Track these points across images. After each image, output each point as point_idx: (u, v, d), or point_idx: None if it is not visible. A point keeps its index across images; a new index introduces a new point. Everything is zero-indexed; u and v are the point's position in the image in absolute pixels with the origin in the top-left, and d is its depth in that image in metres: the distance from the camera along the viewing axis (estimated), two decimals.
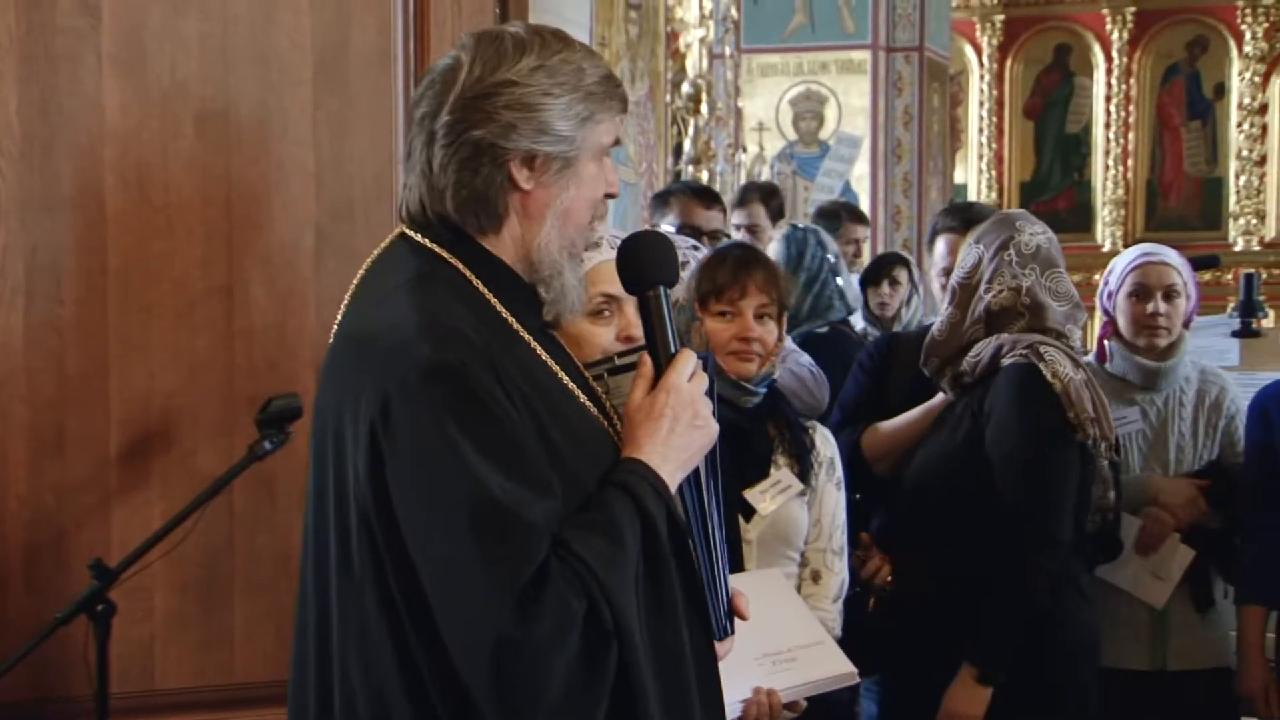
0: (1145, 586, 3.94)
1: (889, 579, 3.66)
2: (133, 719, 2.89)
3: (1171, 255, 4.15)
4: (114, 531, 2.92)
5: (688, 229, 4.87)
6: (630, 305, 2.65)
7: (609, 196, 2.24)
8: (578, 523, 2.04)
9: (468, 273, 2.14)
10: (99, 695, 2.77)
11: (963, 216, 4.27)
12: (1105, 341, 4.14)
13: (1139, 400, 4.05)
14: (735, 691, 2.90)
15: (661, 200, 5.18)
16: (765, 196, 6.29)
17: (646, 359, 2.20)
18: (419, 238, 2.18)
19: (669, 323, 2.20)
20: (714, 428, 2.18)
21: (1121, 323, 4.10)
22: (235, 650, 3.01)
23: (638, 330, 2.59)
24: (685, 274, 3.28)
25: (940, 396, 3.79)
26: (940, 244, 4.28)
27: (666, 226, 4.93)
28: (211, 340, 2.98)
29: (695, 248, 3.91)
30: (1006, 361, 3.53)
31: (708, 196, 5.20)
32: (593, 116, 2.15)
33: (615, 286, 2.64)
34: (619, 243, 2.70)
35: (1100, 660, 3.69)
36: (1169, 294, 4.05)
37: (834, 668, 3.12)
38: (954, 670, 3.46)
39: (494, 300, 2.14)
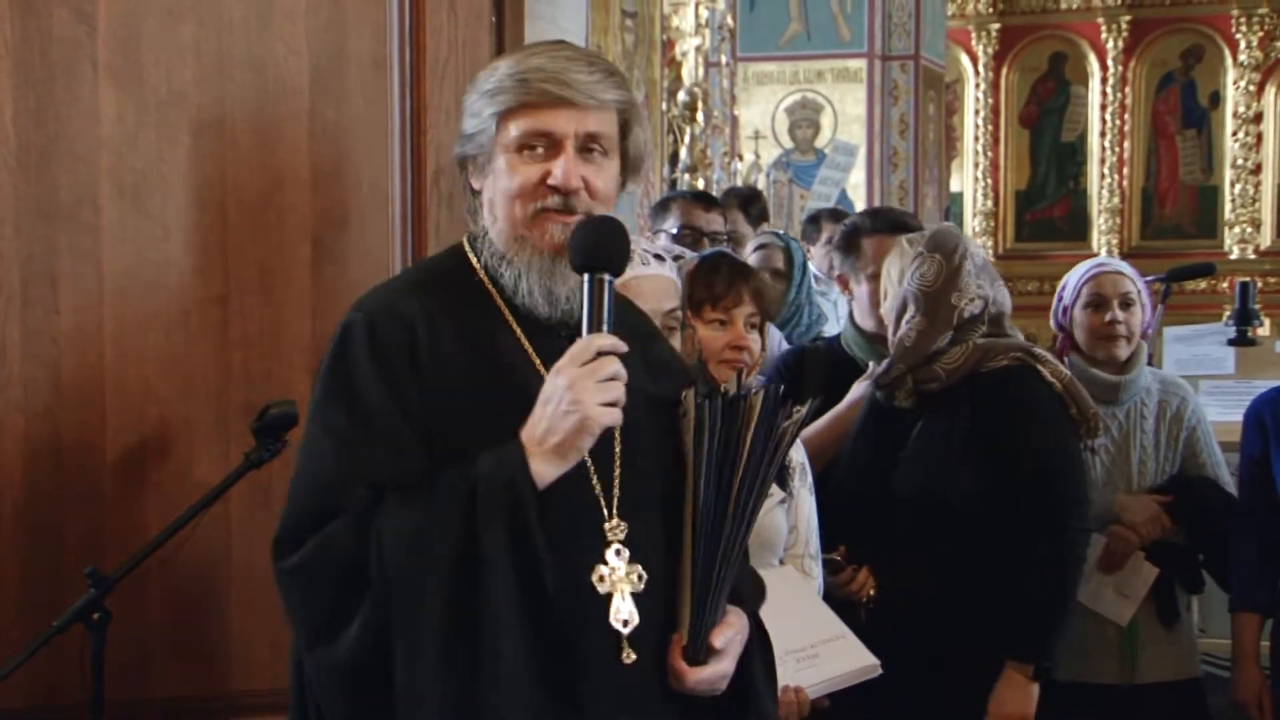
0: (1109, 604, 3.95)
1: (873, 591, 3.61)
2: None
3: (1124, 266, 4.21)
4: (110, 540, 2.91)
5: (688, 230, 4.92)
6: (655, 323, 2.80)
7: (555, 190, 2.25)
8: (402, 487, 2.17)
9: (476, 265, 2.34)
10: (94, 703, 2.76)
11: (887, 220, 4.14)
12: (1065, 358, 4.13)
13: (1100, 414, 4.05)
14: None
15: (662, 206, 5.23)
16: (744, 203, 6.30)
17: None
18: (465, 238, 2.41)
19: (606, 310, 2.18)
20: (591, 415, 2.12)
21: (1079, 335, 4.11)
22: (231, 659, 3.00)
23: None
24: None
25: (849, 402, 3.87)
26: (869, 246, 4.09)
27: (669, 230, 4.97)
28: (207, 349, 2.98)
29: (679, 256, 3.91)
30: (997, 365, 3.58)
31: (707, 200, 5.26)
32: (485, 112, 2.28)
33: (641, 303, 2.70)
34: (649, 258, 2.80)
35: (1068, 674, 3.72)
36: (1125, 302, 4.07)
37: (857, 660, 3.15)
38: (955, 670, 3.48)
39: (494, 291, 2.32)
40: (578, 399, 2.12)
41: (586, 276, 2.18)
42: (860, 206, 11.67)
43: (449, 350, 2.24)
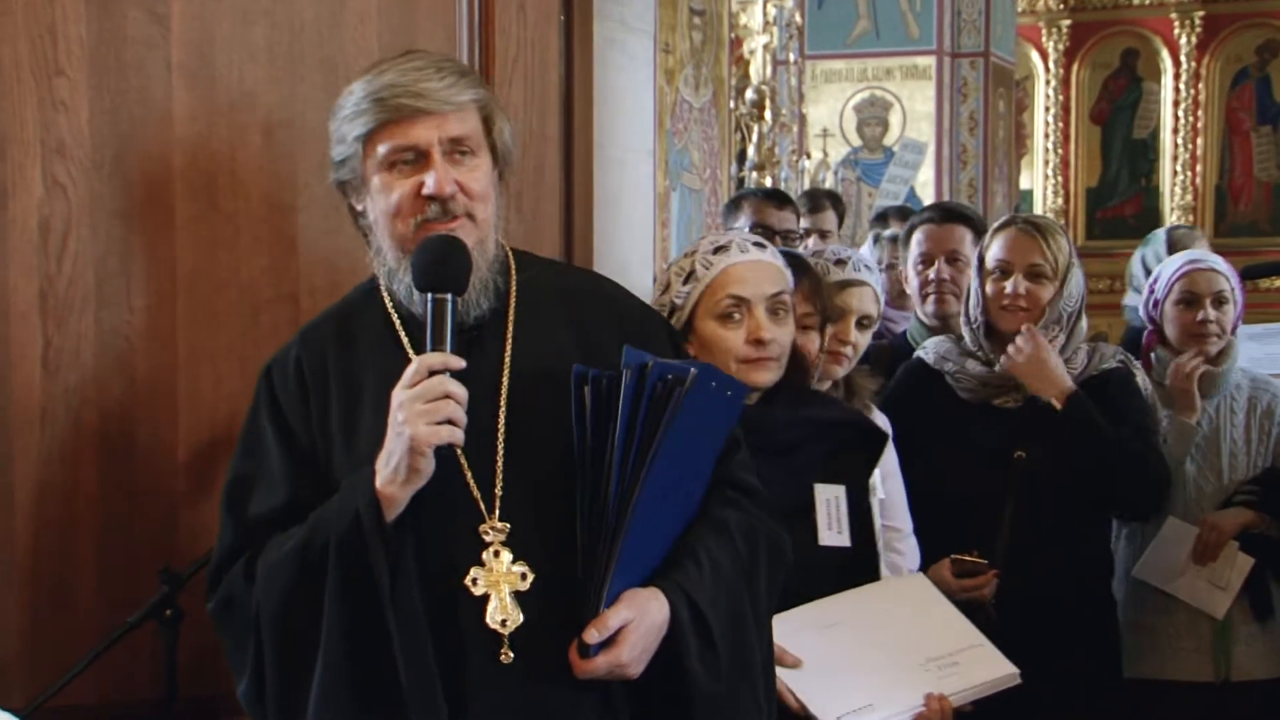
0: (1204, 596, 3.89)
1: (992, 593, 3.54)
2: None
3: (1219, 262, 4.12)
4: (181, 536, 2.94)
5: (760, 229, 4.91)
6: (760, 308, 2.78)
7: (432, 199, 2.29)
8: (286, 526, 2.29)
9: (385, 295, 2.40)
10: (167, 699, 2.79)
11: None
12: (1152, 352, 4.09)
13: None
14: (906, 699, 2.88)
15: (734, 204, 5.22)
16: (834, 202, 6.33)
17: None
18: None
19: (448, 329, 2.22)
20: (418, 435, 2.15)
21: (1170, 331, 4.06)
22: None
23: (769, 333, 2.77)
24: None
25: None
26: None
27: (740, 228, 4.98)
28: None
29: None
30: (1109, 366, 3.73)
31: (779, 198, 5.26)
32: (349, 137, 2.33)
33: (745, 288, 2.71)
34: (749, 245, 2.75)
35: (1159, 671, 3.70)
36: (1218, 300, 4.01)
37: (996, 669, 3.07)
38: (1069, 669, 3.54)
39: (390, 308, 2.37)
40: (405, 420, 2.16)
41: (429, 296, 2.22)
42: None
43: (339, 383, 2.35)
